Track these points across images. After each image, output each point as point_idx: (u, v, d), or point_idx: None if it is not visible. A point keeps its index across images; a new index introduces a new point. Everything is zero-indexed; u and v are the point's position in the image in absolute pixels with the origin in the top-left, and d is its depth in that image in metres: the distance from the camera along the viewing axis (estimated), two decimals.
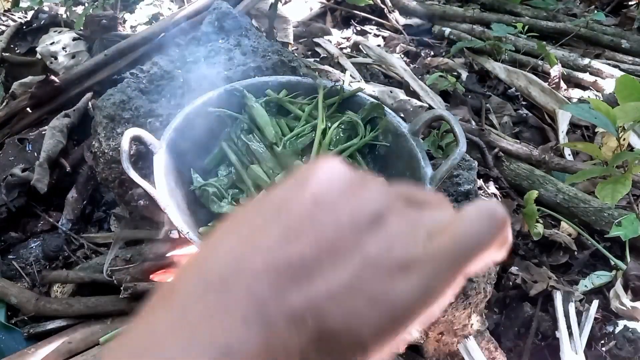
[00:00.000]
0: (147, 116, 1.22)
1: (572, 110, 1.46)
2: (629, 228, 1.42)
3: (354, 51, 2.44)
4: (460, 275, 0.23)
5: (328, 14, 2.77)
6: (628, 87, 1.37)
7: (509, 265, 1.51)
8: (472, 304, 1.10)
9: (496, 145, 1.84)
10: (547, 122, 2.13)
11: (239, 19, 1.51)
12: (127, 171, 0.95)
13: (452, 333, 1.14)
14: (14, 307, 1.29)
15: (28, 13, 2.42)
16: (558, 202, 1.68)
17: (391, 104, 1.83)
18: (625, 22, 2.77)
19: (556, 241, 1.60)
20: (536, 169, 1.80)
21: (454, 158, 0.99)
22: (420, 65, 2.41)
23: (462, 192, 1.13)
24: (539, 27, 2.60)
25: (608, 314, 1.40)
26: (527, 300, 1.42)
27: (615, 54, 2.48)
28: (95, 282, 1.28)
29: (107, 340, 1.14)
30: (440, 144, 1.75)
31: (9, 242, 1.51)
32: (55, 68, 1.85)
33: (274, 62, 1.34)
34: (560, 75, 2.21)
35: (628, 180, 1.31)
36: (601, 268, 1.54)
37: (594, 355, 1.30)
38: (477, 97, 2.18)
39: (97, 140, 1.23)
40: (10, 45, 2.07)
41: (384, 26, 2.75)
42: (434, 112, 1.12)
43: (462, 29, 2.64)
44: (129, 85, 1.30)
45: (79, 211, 1.56)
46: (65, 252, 1.47)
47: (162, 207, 0.92)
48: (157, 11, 2.47)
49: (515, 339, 1.36)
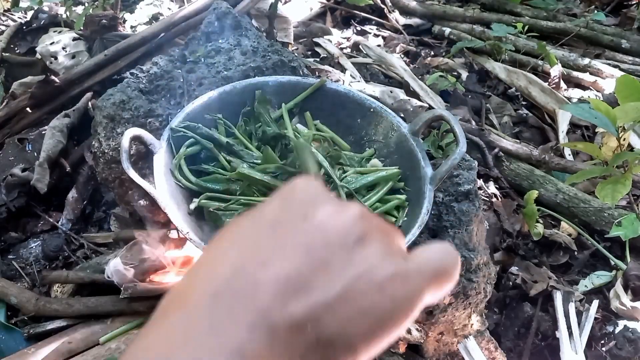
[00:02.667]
0: (147, 116, 1.22)
1: (572, 110, 1.46)
2: (629, 228, 1.42)
3: (354, 51, 2.44)
4: (431, 292, 0.28)
5: (328, 14, 2.77)
6: (628, 87, 1.37)
7: (509, 265, 1.51)
8: (472, 304, 1.10)
9: (496, 145, 1.84)
10: (547, 122, 2.13)
11: (239, 19, 1.51)
12: (127, 171, 0.95)
13: (452, 333, 1.14)
14: (14, 307, 1.29)
15: (28, 13, 2.42)
16: (558, 202, 1.68)
17: (391, 104, 1.83)
18: (625, 22, 2.77)
19: (556, 241, 1.60)
20: (536, 169, 1.80)
21: (454, 158, 0.99)
22: (420, 65, 2.41)
23: (462, 192, 1.13)
24: (539, 27, 2.60)
25: (608, 314, 1.40)
26: (527, 300, 1.42)
27: (615, 54, 2.48)
28: (95, 282, 1.28)
29: (107, 340, 1.14)
30: (440, 144, 1.75)
31: (9, 242, 1.51)
32: (55, 68, 1.85)
33: (274, 62, 1.34)
34: (560, 75, 2.21)
35: (628, 180, 1.31)
36: (601, 268, 1.54)
37: (594, 355, 1.30)
38: (477, 97, 2.18)
39: (97, 140, 1.23)
40: (10, 45, 2.07)
41: (384, 26, 2.75)
42: (434, 112, 1.12)
43: (462, 29, 2.64)
44: (129, 85, 1.29)
45: (79, 211, 1.56)
46: (65, 252, 1.47)
47: (162, 207, 0.92)
48: (157, 11, 2.47)
49: (515, 339, 1.36)
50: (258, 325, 0.24)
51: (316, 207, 0.29)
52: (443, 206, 1.12)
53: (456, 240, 1.08)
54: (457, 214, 1.11)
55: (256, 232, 0.28)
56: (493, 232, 1.58)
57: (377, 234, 0.29)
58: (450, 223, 1.10)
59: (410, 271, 0.27)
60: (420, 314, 1.05)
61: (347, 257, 0.27)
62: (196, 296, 0.25)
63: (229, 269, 0.26)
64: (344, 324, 0.25)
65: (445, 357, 1.17)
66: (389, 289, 0.26)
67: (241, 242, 0.28)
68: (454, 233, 1.08)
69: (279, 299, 0.24)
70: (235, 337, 0.23)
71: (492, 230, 1.58)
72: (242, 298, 0.24)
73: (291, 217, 0.28)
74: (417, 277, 0.27)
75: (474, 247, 1.10)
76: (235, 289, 0.25)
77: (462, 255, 1.07)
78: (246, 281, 0.25)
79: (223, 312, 0.24)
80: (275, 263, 0.26)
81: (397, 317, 0.26)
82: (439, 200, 1.12)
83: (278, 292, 0.25)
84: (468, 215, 1.10)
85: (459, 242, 1.08)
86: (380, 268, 0.27)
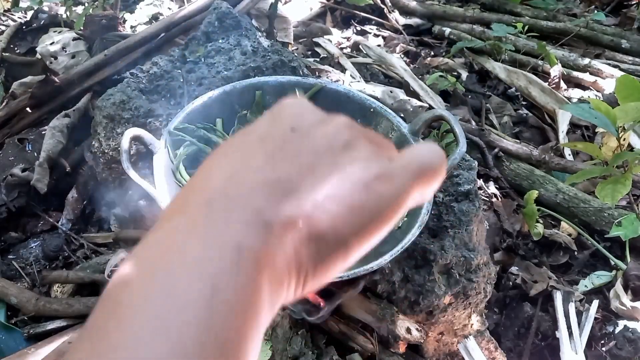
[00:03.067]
0: (147, 116, 1.22)
1: (572, 110, 1.46)
2: (629, 228, 1.42)
3: (354, 51, 2.44)
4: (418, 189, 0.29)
5: (328, 14, 2.77)
6: (628, 87, 1.37)
7: (509, 265, 1.51)
8: (472, 304, 1.10)
9: (496, 145, 1.84)
10: (547, 122, 2.13)
11: (239, 19, 1.51)
12: (127, 171, 0.95)
13: (452, 333, 1.14)
14: (14, 307, 1.29)
15: (28, 13, 2.42)
16: (558, 202, 1.68)
17: (391, 104, 1.83)
18: (625, 22, 2.77)
19: (556, 241, 1.60)
20: (536, 169, 1.80)
21: (454, 158, 0.99)
22: (420, 65, 2.41)
23: (462, 192, 1.13)
24: (539, 27, 2.60)
25: (608, 314, 1.40)
26: (527, 300, 1.42)
27: (615, 54, 2.48)
28: (95, 282, 1.28)
29: None
30: (440, 144, 1.75)
31: (9, 242, 1.51)
32: (55, 68, 1.85)
33: (274, 62, 1.34)
34: (560, 75, 2.21)
35: (628, 180, 1.32)
36: (601, 268, 1.54)
37: (594, 355, 1.30)
38: (477, 97, 2.18)
39: (97, 140, 1.23)
40: (10, 45, 2.07)
41: (384, 26, 2.75)
42: (434, 112, 1.12)
43: (462, 29, 2.64)
44: (129, 85, 1.30)
45: (79, 211, 1.56)
46: (65, 252, 1.47)
47: (162, 207, 0.92)
48: (157, 11, 2.46)
49: (515, 339, 1.36)
50: (253, 223, 0.25)
51: (304, 119, 0.30)
52: (443, 206, 1.12)
53: (456, 240, 1.08)
54: (457, 214, 1.11)
55: (247, 145, 0.29)
56: (493, 232, 1.58)
57: (363, 140, 0.30)
58: (450, 223, 1.10)
59: (396, 169, 0.29)
60: (421, 314, 1.05)
61: (334, 160, 0.28)
62: (194, 203, 0.26)
63: (222, 176, 0.27)
64: (333, 220, 0.26)
65: (445, 357, 1.17)
66: (376, 187, 0.27)
67: (233, 154, 0.29)
68: (454, 233, 1.08)
69: (271, 199, 0.26)
70: (232, 234, 0.24)
71: (492, 230, 1.58)
72: (236, 200, 0.26)
73: (280, 130, 0.29)
74: (403, 175, 0.28)
75: (474, 247, 1.10)
76: (229, 193, 0.26)
77: (462, 255, 1.07)
78: (239, 185, 0.26)
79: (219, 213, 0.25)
80: (265, 168, 0.27)
81: (384, 214, 0.27)
82: (439, 200, 1.12)
83: (270, 193, 0.26)
84: (468, 215, 1.10)
85: (459, 242, 1.08)
86: (366, 168, 0.28)
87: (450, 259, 1.06)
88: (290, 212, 0.26)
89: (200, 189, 0.27)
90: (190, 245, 0.24)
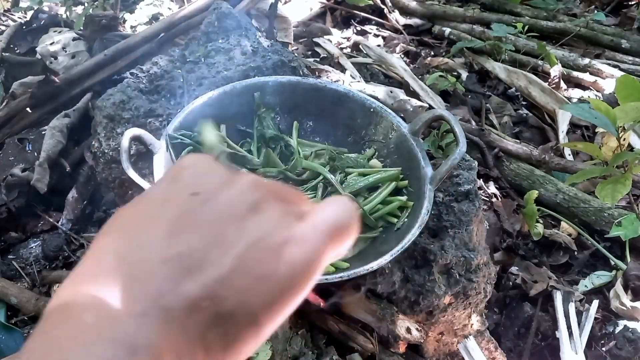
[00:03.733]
0: (147, 116, 1.22)
1: (572, 110, 1.46)
2: (629, 228, 1.42)
3: (354, 51, 2.44)
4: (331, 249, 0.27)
5: (328, 14, 2.77)
6: (628, 87, 1.37)
7: (509, 265, 1.51)
8: (472, 304, 1.10)
9: (496, 145, 1.84)
10: (547, 122, 2.13)
11: (239, 19, 1.51)
12: (127, 171, 0.95)
13: (452, 333, 1.14)
14: (14, 307, 1.30)
15: (28, 13, 2.42)
16: (558, 202, 1.68)
17: (391, 104, 1.82)
18: (625, 22, 2.77)
19: (556, 241, 1.60)
20: (536, 169, 1.80)
21: (454, 158, 1.00)
22: (420, 65, 2.41)
23: (462, 192, 1.13)
24: (539, 27, 2.59)
25: (608, 314, 1.40)
26: (527, 300, 1.42)
27: (615, 54, 2.48)
28: None
29: None
30: (440, 144, 1.75)
31: (9, 242, 1.51)
32: (55, 68, 1.85)
33: (274, 62, 1.34)
34: (560, 75, 2.21)
35: (628, 180, 1.32)
36: (601, 268, 1.54)
37: (594, 355, 1.30)
38: (477, 97, 2.18)
39: (97, 140, 1.23)
40: (10, 45, 2.07)
41: (384, 26, 2.75)
42: (434, 112, 1.12)
43: (462, 29, 2.64)
44: (129, 85, 1.30)
45: (79, 211, 1.56)
46: (65, 252, 1.47)
47: None
48: (157, 11, 2.46)
49: (515, 339, 1.36)
50: (148, 313, 0.22)
51: (205, 181, 0.28)
52: (443, 206, 1.12)
53: (456, 240, 1.08)
54: (457, 214, 1.11)
55: (143, 215, 0.27)
56: (493, 232, 1.58)
57: (271, 199, 0.28)
58: (450, 223, 1.10)
59: (306, 233, 0.27)
60: (421, 314, 1.05)
61: (240, 227, 0.26)
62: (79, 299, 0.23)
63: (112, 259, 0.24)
64: (242, 295, 0.24)
65: (445, 357, 1.17)
66: (286, 253, 0.25)
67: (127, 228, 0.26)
68: (454, 233, 1.08)
69: (170, 280, 0.23)
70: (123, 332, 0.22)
71: (492, 230, 1.58)
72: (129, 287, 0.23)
73: (179, 195, 0.27)
74: (313, 238, 0.26)
75: (474, 247, 1.10)
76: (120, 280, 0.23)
77: (462, 255, 1.07)
78: (132, 268, 0.24)
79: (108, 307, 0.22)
80: (162, 244, 0.25)
81: (297, 281, 0.25)
82: (439, 200, 1.12)
83: (169, 273, 0.24)
84: (468, 215, 1.10)
85: (459, 242, 1.08)
86: (274, 234, 0.26)
87: (450, 259, 1.06)
88: (192, 292, 0.23)
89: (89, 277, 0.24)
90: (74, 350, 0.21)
